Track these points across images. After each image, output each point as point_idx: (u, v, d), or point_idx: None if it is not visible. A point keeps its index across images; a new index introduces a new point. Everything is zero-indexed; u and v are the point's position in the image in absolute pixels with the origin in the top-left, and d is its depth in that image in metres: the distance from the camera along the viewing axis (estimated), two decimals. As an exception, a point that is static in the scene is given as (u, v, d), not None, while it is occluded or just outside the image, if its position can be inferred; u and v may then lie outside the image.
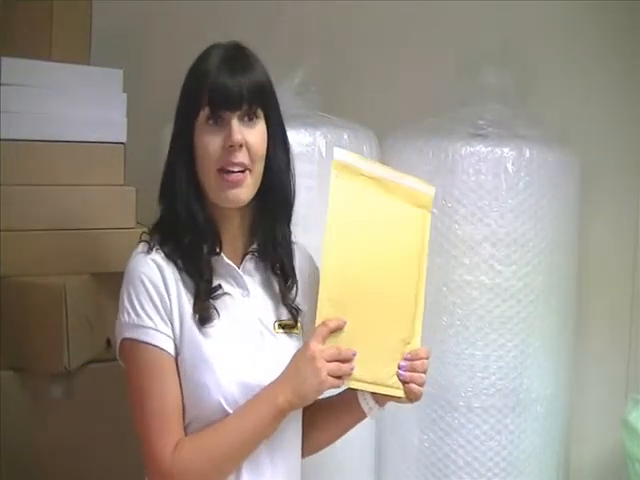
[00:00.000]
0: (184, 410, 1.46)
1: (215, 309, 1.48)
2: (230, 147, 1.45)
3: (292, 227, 1.60)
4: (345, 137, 2.19)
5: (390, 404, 1.58)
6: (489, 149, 2.18)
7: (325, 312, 1.46)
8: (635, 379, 2.67)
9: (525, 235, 2.19)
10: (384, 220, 1.56)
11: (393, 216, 1.57)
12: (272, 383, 1.45)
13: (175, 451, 1.42)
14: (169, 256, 1.49)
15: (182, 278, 1.48)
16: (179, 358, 1.46)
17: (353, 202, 1.52)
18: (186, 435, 1.45)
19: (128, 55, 2.40)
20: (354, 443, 2.21)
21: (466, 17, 2.61)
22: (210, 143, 1.46)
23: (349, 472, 2.21)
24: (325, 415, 1.63)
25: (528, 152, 2.18)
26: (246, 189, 1.48)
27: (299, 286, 1.59)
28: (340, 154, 1.53)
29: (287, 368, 1.45)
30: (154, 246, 1.50)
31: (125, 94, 2.12)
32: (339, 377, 1.44)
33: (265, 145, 1.51)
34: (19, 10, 2.05)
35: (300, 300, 1.59)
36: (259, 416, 1.44)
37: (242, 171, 1.47)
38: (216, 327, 1.47)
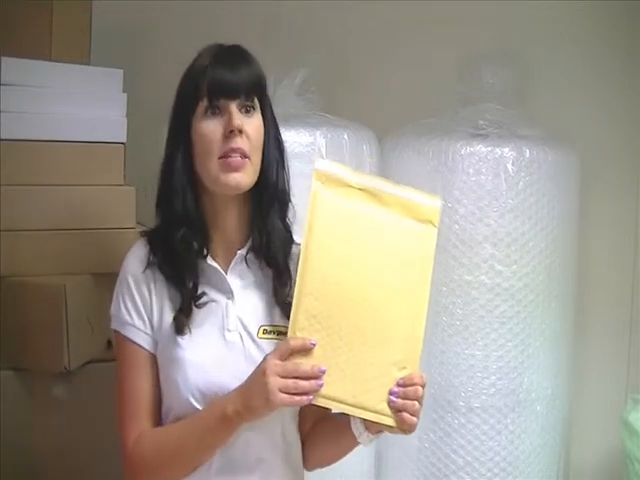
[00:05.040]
0: (162, 401, 1.52)
1: (189, 327, 1.50)
2: (230, 132, 1.46)
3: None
4: (345, 137, 2.20)
5: None
6: (489, 149, 2.18)
7: (299, 325, 1.40)
8: (635, 379, 2.67)
9: (525, 235, 2.19)
10: (377, 234, 1.46)
11: (389, 230, 1.47)
12: (230, 392, 1.44)
13: (136, 441, 1.49)
14: (159, 262, 1.52)
15: (167, 283, 1.52)
16: (157, 354, 1.52)
17: (338, 214, 1.44)
18: (163, 424, 1.51)
19: (128, 55, 2.40)
20: (354, 443, 2.21)
21: (466, 17, 2.61)
22: (210, 132, 1.47)
23: (349, 472, 2.21)
24: (325, 434, 1.60)
25: (528, 152, 2.19)
26: (247, 176, 1.48)
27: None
28: (322, 164, 1.47)
29: (246, 379, 1.44)
30: (148, 249, 1.53)
31: (125, 94, 2.12)
32: (302, 394, 1.37)
33: (262, 136, 1.51)
34: (19, 10, 2.05)
35: None
36: (207, 423, 1.45)
37: (242, 157, 1.47)
38: (193, 330, 1.50)
